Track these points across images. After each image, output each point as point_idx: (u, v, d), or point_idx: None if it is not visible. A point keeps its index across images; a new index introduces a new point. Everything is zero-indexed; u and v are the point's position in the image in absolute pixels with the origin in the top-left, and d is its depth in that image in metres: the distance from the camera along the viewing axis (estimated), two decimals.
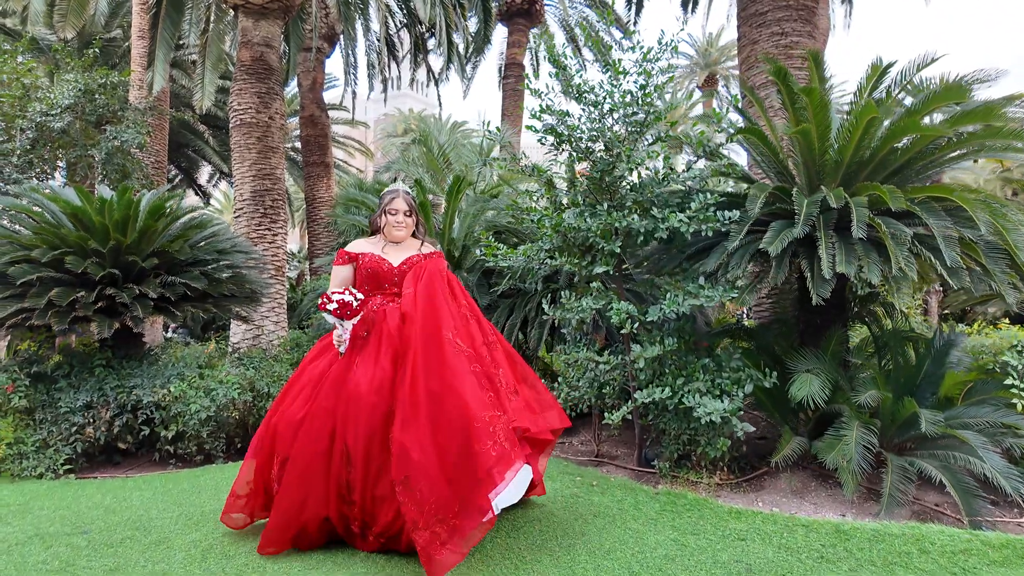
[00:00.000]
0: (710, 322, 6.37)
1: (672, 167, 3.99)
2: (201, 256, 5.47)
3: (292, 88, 15.93)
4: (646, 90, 3.85)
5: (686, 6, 11.55)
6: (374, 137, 38.47)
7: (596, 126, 4.06)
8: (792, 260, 3.74)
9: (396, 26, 14.43)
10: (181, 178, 18.23)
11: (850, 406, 3.72)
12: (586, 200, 4.20)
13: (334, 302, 2.86)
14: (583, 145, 4.11)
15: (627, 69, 4.01)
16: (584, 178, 4.19)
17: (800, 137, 3.69)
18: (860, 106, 3.66)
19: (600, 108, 4.07)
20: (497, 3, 14.17)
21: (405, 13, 13.88)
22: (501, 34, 16.24)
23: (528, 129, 4.19)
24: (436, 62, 16.10)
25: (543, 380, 3.34)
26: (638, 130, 3.99)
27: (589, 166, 4.18)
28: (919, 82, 4.09)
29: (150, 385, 5.07)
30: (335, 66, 34.58)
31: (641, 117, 3.91)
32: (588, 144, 4.09)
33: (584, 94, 4.08)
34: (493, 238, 4.42)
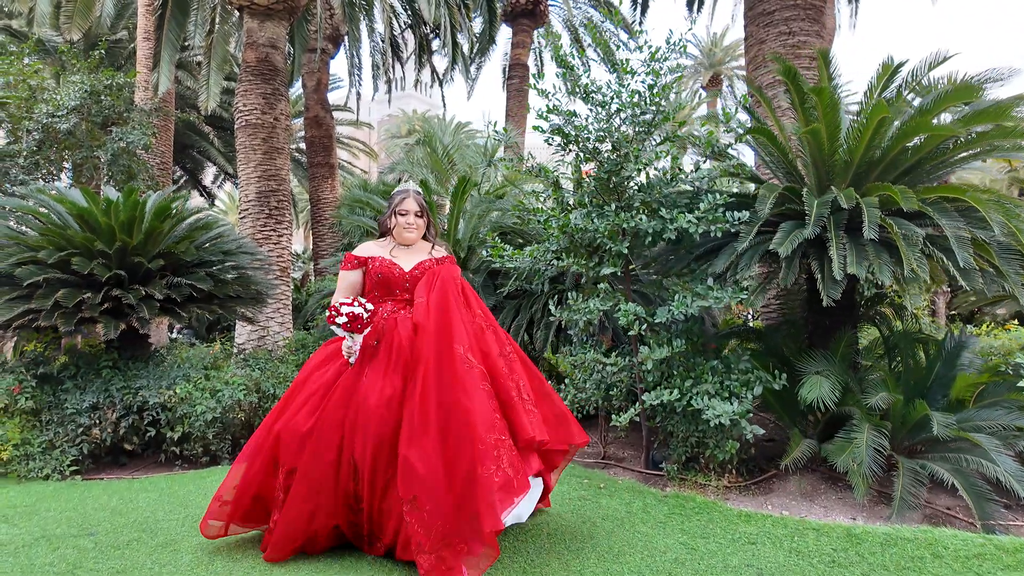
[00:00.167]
0: (717, 324, 6.34)
1: (680, 167, 3.96)
2: (207, 257, 5.46)
3: (296, 89, 15.94)
4: (654, 90, 3.82)
5: (691, 6, 11.51)
6: (378, 138, 38.49)
7: (603, 126, 4.04)
8: (802, 261, 3.71)
9: (400, 27, 14.41)
10: (186, 179, 18.26)
11: (860, 408, 3.68)
12: (593, 201, 4.18)
13: (343, 315, 2.72)
14: (590, 145, 4.08)
15: (635, 69, 3.99)
16: (591, 179, 4.16)
17: (810, 137, 3.66)
18: (871, 106, 3.63)
19: (607, 108, 4.04)
20: (502, 3, 14.16)
21: (409, 14, 13.86)
22: (505, 35, 16.29)
23: (535, 130, 4.17)
24: (440, 63, 16.10)
25: (549, 382, 3.25)
26: (646, 130, 3.96)
27: (596, 167, 4.15)
28: (928, 82, 4.06)
29: (156, 386, 5.07)
30: (339, 67, 34.61)
31: (649, 117, 3.88)
32: (595, 144, 4.06)
33: (591, 94, 4.06)
34: (499, 239, 4.39)
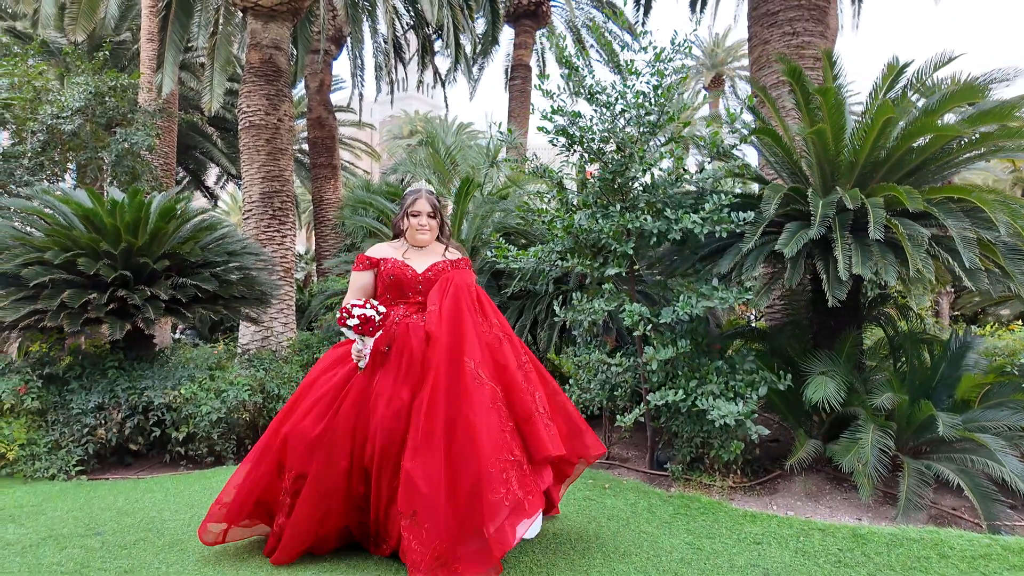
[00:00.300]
0: (721, 325, 6.34)
1: (685, 168, 3.97)
2: (212, 258, 5.48)
3: (299, 90, 15.95)
4: (659, 90, 3.83)
5: (694, 6, 11.50)
6: (380, 139, 38.51)
7: (608, 127, 4.05)
8: (807, 262, 3.71)
9: (403, 28, 14.43)
10: (188, 180, 18.30)
11: (865, 409, 3.68)
12: (598, 202, 4.19)
13: (355, 318, 2.64)
14: (595, 146, 4.09)
15: (640, 70, 3.99)
16: (596, 179, 4.17)
17: (815, 138, 3.66)
18: (876, 106, 3.63)
19: (612, 109, 4.05)
20: (504, 4, 14.18)
21: (412, 15, 13.88)
22: (507, 35, 16.24)
23: (540, 131, 4.18)
24: (442, 64, 16.14)
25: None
26: (650, 131, 3.97)
27: (600, 167, 4.16)
28: (932, 83, 4.06)
29: (161, 387, 5.08)
30: (342, 68, 34.60)
31: (654, 118, 3.89)
32: (600, 145, 4.07)
33: (596, 95, 4.07)
34: (502, 240, 4.40)
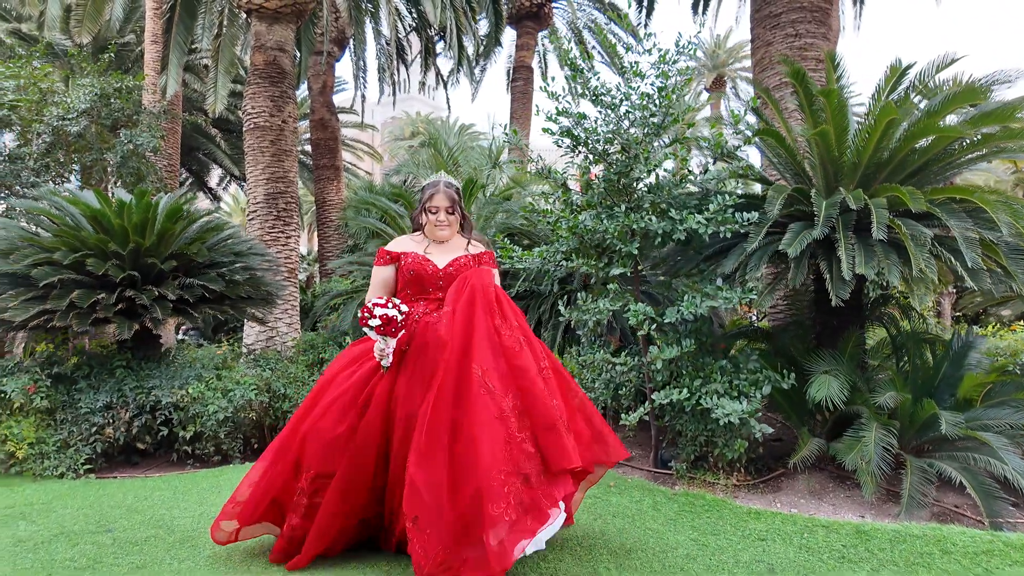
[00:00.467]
0: (724, 325, 6.37)
1: (690, 169, 4.00)
2: (218, 258, 5.52)
3: (302, 91, 16.01)
4: (663, 92, 3.87)
5: (696, 8, 11.54)
6: (381, 140, 38.56)
7: (612, 128, 4.09)
8: (810, 262, 3.75)
9: (405, 29, 14.49)
10: (191, 181, 18.36)
11: (868, 407, 3.72)
12: (603, 202, 4.22)
13: (376, 318, 2.55)
14: (600, 147, 4.13)
15: (644, 72, 4.03)
16: (600, 180, 4.20)
17: (819, 139, 3.70)
18: (879, 107, 3.66)
19: (616, 111, 4.09)
20: (507, 6, 14.22)
21: (414, 16, 13.94)
22: (509, 37, 16.28)
23: (545, 132, 4.22)
24: (444, 65, 16.18)
25: None
26: (655, 132, 4.01)
27: (604, 168, 4.20)
28: (935, 84, 4.10)
29: (168, 386, 5.12)
30: (344, 70, 34.59)
31: (658, 119, 3.93)
32: (604, 147, 4.11)
33: (600, 97, 4.11)
34: (507, 240, 4.44)
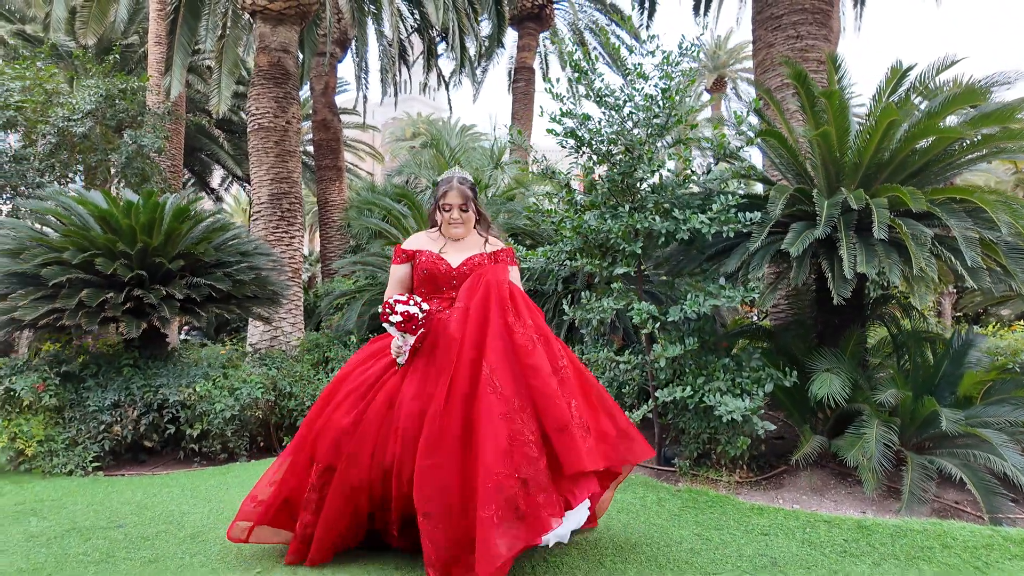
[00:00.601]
0: (725, 324, 6.42)
1: (693, 169, 4.05)
2: (225, 258, 5.57)
3: (304, 92, 16.07)
4: (667, 93, 3.92)
5: (697, 9, 11.60)
6: (382, 141, 38.64)
7: (616, 129, 4.13)
8: (812, 261, 3.79)
9: (407, 30, 14.54)
10: (193, 182, 18.44)
11: (870, 405, 3.76)
12: (606, 202, 4.27)
13: (398, 314, 2.52)
14: (603, 148, 4.18)
15: (647, 74, 4.08)
16: (604, 180, 4.25)
17: (820, 140, 3.75)
18: (880, 109, 3.71)
19: (620, 112, 4.14)
20: (508, 7, 14.26)
21: (416, 17, 13.99)
22: (511, 38, 16.33)
23: (549, 133, 4.27)
24: (445, 66, 16.22)
25: None
26: (658, 133, 4.06)
27: (608, 168, 4.25)
28: (935, 85, 4.14)
29: (176, 384, 5.17)
30: (346, 70, 34.61)
31: (661, 121, 3.97)
32: (608, 147, 4.16)
33: (604, 98, 4.16)
34: (511, 240, 4.48)
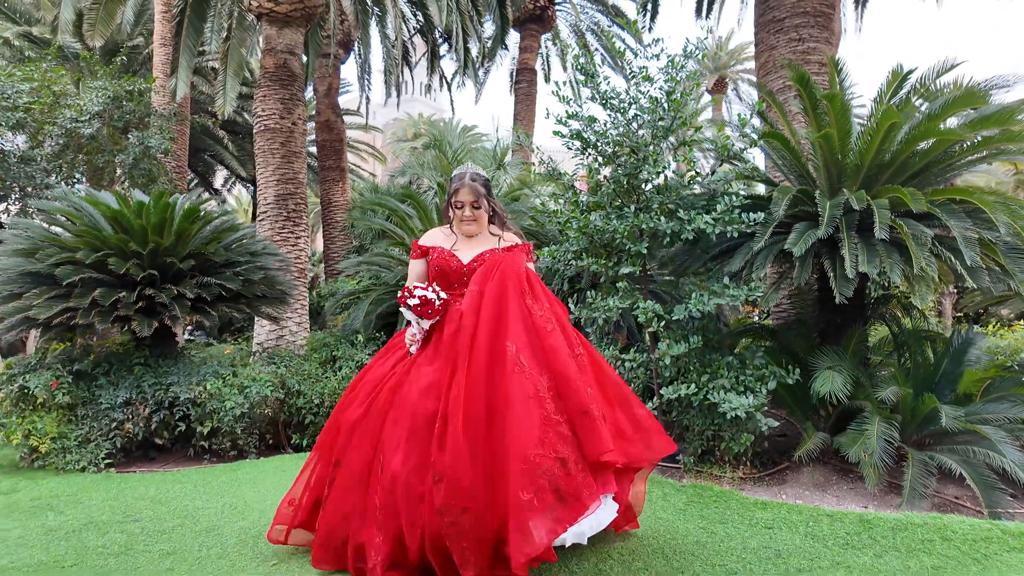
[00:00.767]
0: (728, 323, 6.48)
1: (697, 171, 4.12)
2: (234, 258, 5.63)
3: (308, 93, 16.13)
4: (672, 96, 3.99)
5: (699, 11, 11.66)
6: (384, 141, 38.72)
7: (622, 131, 4.20)
8: (814, 261, 3.86)
9: (409, 32, 14.61)
10: (196, 182, 18.52)
11: (871, 402, 3.83)
12: (611, 203, 4.34)
13: (415, 298, 2.58)
14: (609, 150, 4.25)
15: (652, 77, 4.15)
16: (610, 181, 4.32)
17: (822, 142, 3.82)
18: (881, 111, 3.78)
19: (625, 114, 4.21)
20: (511, 8, 14.32)
21: (420, 19, 14.06)
22: (513, 39, 16.41)
23: (556, 135, 4.34)
24: (447, 67, 16.27)
25: None
26: (663, 135, 4.13)
27: (611, 170, 4.32)
28: (936, 87, 4.21)
29: (187, 382, 5.24)
30: (348, 72, 34.77)
31: (667, 123, 4.04)
32: (614, 149, 4.23)
33: (609, 100, 4.23)
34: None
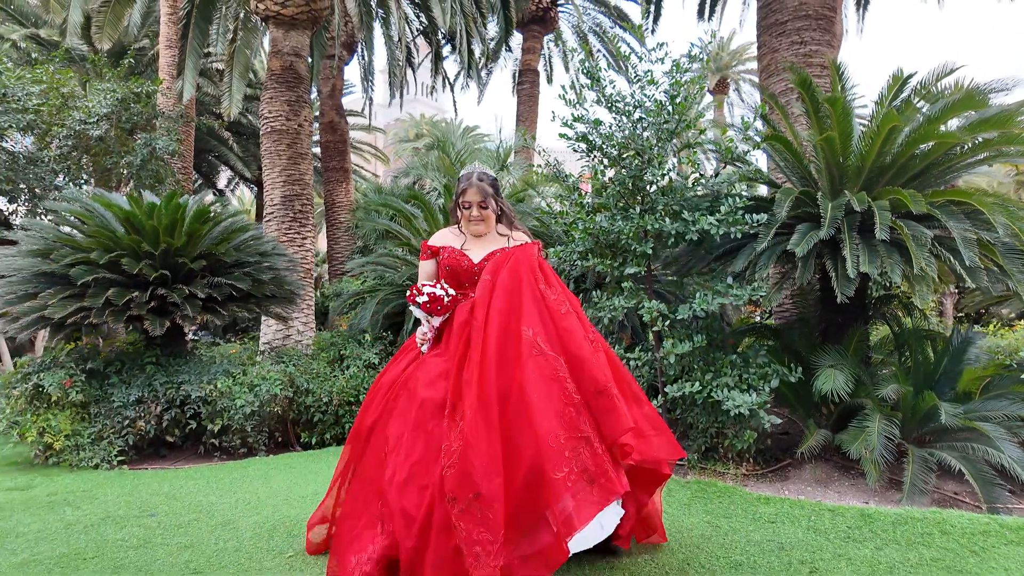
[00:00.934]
0: (730, 322, 6.56)
1: (701, 172, 4.19)
2: (244, 258, 5.71)
3: (312, 94, 16.20)
4: (676, 100, 4.06)
5: (701, 14, 11.74)
6: (385, 142, 38.83)
7: (627, 134, 4.28)
8: (816, 261, 3.93)
9: (413, 33, 14.69)
10: (200, 183, 18.63)
11: (872, 399, 3.90)
12: (616, 204, 4.41)
13: (424, 295, 2.61)
14: (614, 152, 4.32)
15: (656, 80, 4.23)
16: (615, 183, 4.39)
17: (824, 144, 3.89)
18: (881, 115, 3.85)
19: (631, 117, 4.28)
20: (515, 10, 14.40)
21: (423, 21, 14.14)
22: (515, 40, 16.49)
23: (561, 137, 4.41)
24: (450, 68, 16.36)
25: None
26: (668, 137, 4.20)
27: (616, 171, 4.39)
28: (937, 90, 4.28)
29: (197, 381, 5.32)
30: (351, 73, 34.91)
31: (672, 126, 4.12)
32: (619, 151, 4.30)
33: (615, 104, 4.30)
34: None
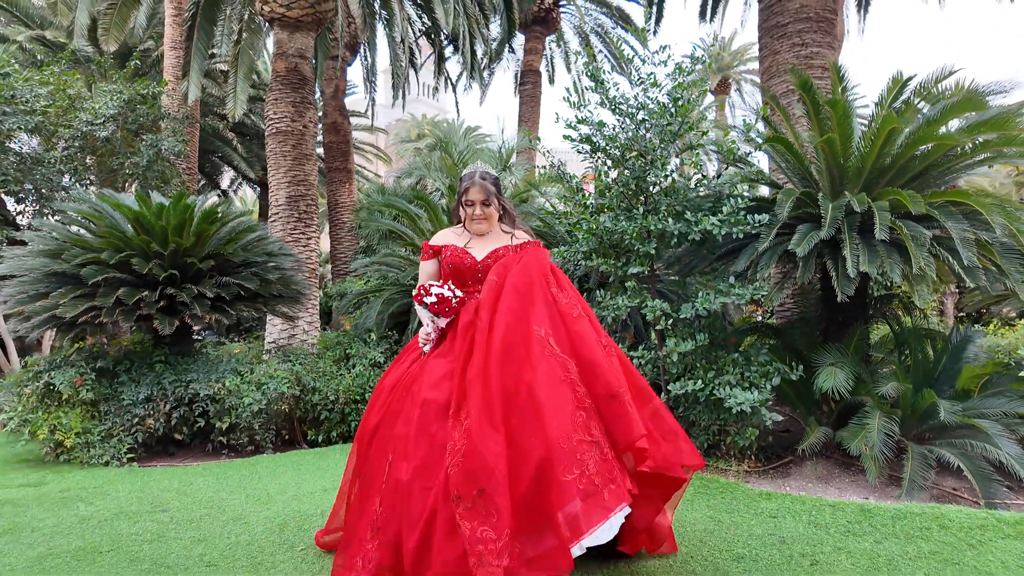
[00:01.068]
0: (732, 321, 6.62)
1: (704, 173, 4.25)
2: (252, 258, 5.78)
3: (315, 95, 16.27)
4: (679, 102, 4.12)
5: (703, 15, 11.80)
6: (387, 142, 38.93)
7: (630, 135, 4.34)
8: (817, 261, 3.99)
9: (415, 34, 14.75)
10: (204, 183, 18.71)
11: (872, 397, 3.96)
12: (620, 204, 4.48)
13: (432, 295, 2.59)
14: (617, 153, 4.38)
15: (659, 83, 4.29)
16: (618, 184, 4.45)
17: (825, 146, 3.95)
18: (881, 117, 3.91)
19: (634, 119, 4.35)
20: (518, 11, 14.46)
21: (426, 22, 14.21)
22: (517, 41, 16.56)
23: (565, 139, 4.48)
24: (452, 69, 16.43)
25: None
26: (671, 139, 4.26)
27: (618, 172, 4.45)
28: (937, 91, 4.34)
29: (206, 379, 5.39)
30: (353, 73, 34.86)
31: (675, 128, 4.18)
32: (623, 152, 4.36)
33: (618, 106, 4.37)
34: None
